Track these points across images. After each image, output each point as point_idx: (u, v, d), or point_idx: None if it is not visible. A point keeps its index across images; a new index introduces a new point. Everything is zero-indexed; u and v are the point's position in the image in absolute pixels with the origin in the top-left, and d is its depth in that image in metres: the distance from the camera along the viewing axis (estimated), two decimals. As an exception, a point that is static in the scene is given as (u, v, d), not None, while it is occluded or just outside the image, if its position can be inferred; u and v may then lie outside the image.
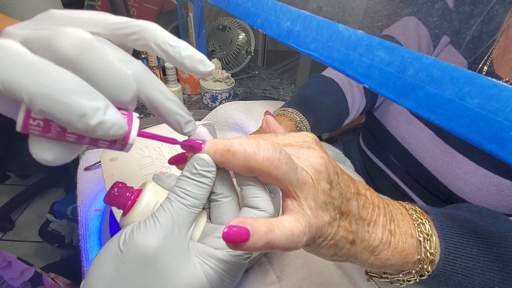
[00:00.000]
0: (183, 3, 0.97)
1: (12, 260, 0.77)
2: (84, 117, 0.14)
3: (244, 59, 0.95)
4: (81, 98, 0.14)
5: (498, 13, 0.40)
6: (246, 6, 0.39)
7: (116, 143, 0.17)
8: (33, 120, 0.14)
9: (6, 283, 0.74)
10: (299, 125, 0.48)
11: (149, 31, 0.18)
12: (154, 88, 0.18)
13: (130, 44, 0.18)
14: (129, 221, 0.21)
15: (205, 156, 0.19)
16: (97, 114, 0.14)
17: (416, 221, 0.25)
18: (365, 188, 0.24)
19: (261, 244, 0.16)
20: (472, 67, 0.43)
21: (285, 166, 0.18)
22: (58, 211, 1.15)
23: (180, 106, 0.20)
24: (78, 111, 0.14)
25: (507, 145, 0.17)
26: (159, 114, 0.19)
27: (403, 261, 0.23)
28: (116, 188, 0.21)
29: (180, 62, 0.19)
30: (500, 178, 0.38)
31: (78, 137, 0.15)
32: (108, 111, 0.15)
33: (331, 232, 0.20)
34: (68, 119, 0.14)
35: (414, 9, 0.51)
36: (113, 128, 0.15)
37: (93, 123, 0.14)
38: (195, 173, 0.19)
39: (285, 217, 0.18)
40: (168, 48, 0.18)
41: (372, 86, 0.24)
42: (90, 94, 0.14)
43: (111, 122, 0.15)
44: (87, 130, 0.14)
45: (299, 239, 0.17)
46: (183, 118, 0.20)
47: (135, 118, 0.17)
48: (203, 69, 0.19)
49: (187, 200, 0.19)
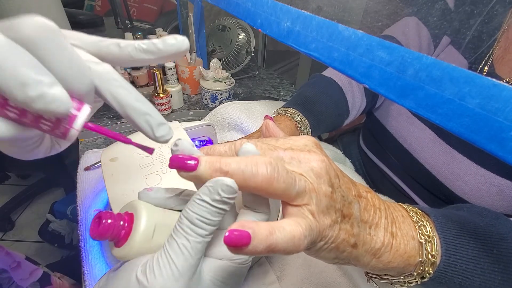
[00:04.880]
0: (183, 3, 0.97)
1: (21, 261, 0.77)
2: (25, 86, 0.14)
3: (244, 59, 0.95)
4: (27, 70, 0.14)
5: (498, 13, 0.40)
6: (246, 6, 0.39)
7: (60, 126, 0.16)
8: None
9: (16, 284, 0.74)
10: (299, 125, 0.48)
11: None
12: (120, 87, 0.18)
13: (106, 50, 0.19)
14: (129, 251, 0.19)
15: (231, 182, 0.17)
16: (39, 86, 0.14)
17: (417, 223, 0.25)
18: (366, 191, 0.24)
19: (263, 248, 0.16)
20: (473, 67, 0.43)
21: (283, 185, 0.17)
22: (58, 211, 1.15)
23: (151, 107, 0.19)
24: (20, 79, 0.14)
25: (507, 145, 0.17)
26: (127, 115, 0.18)
27: (405, 263, 0.23)
28: (107, 218, 0.19)
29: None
30: (500, 179, 0.38)
31: (20, 113, 0.15)
32: (53, 87, 0.15)
33: (332, 235, 0.20)
34: (8, 85, 0.14)
35: (415, 9, 0.51)
36: (55, 103, 0.15)
37: (33, 94, 0.14)
38: (217, 200, 0.17)
39: (286, 220, 0.18)
40: (141, 46, 0.19)
41: (372, 86, 0.24)
42: (37, 69, 0.14)
43: (54, 96, 0.14)
44: (26, 100, 0.14)
45: (300, 241, 0.17)
46: (154, 120, 0.19)
47: (86, 107, 0.17)
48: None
49: (205, 230, 0.18)
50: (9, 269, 0.74)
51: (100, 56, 0.19)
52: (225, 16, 0.96)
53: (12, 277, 0.74)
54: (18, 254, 0.78)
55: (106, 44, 0.19)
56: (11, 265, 0.75)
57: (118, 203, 0.34)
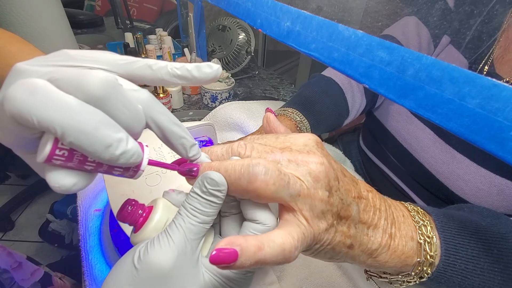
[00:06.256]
0: (183, 3, 0.97)
1: (22, 261, 0.77)
2: (110, 147, 0.16)
3: (244, 59, 0.95)
4: (108, 131, 0.15)
5: (498, 13, 0.40)
6: (246, 6, 0.39)
7: (130, 170, 0.19)
8: (59, 150, 0.16)
9: (17, 284, 0.74)
10: (299, 125, 0.48)
11: (149, 61, 0.20)
12: (162, 114, 0.19)
13: (137, 72, 0.19)
14: (141, 238, 0.21)
15: (215, 175, 0.19)
16: (121, 145, 0.16)
17: (418, 223, 0.25)
18: (367, 190, 0.23)
19: (250, 263, 0.17)
20: (473, 67, 0.43)
21: (272, 187, 0.18)
22: (58, 211, 1.15)
23: (185, 130, 0.20)
24: (105, 142, 0.15)
25: (507, 145, 0.17)
26: (166, 139, 0.20)
27: (402, 263, 0.23)
28: (129, 205, 0.22)
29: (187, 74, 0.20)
30: (501, 179, 0.38)
31: (96, 165, 0.17)
32: (130, 142, 0.17)
33: (328, 239, 0.20)
34: (96, 149, 0.15)
35: (415, 9, 0.51)
36: (134, 156, 0.17)
37: (118, 153, 0.16)
38: (205, 191, 0.19)
39: (277, 232, 0.18)
40: (176, 71, 0.20)
41: (372, 86, 0.24)
42: (114, 127, 0.16)
43: (133, 151, 0.17)
44: (112, 159, 0.16)
45: (291, 254, 0.18)
46: (188, 142, 0.20)
47: (145, 146, 0.19)
48: (209, 69, 0.21)
49: (198, 218, 0.19)
50: (10, 269, 0.74)
51: (131, 79, 0.19)
52: (225, 16, 0.95)
53: (13, 277, 0.74)
54: (20, 254, 0.78)
55: (138, 66, 0.19)
56: (12, 265, 0.75)
57: (117, 203, 0.34)
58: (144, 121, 0.18)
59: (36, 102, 0.14)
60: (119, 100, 0.16)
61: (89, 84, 0.15)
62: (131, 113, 0.17)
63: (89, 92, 0.15)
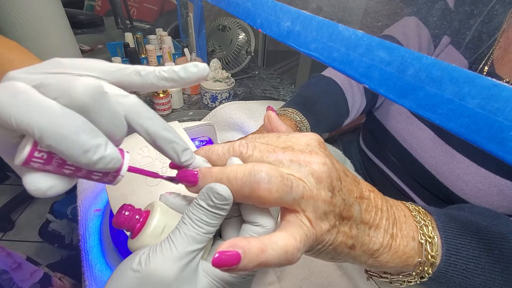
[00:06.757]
0: (183, 3, 0.98)
1: (21, 262, 0.77)
2: (88, 152, 0.16)
3: (244, 59, 0.95)
4: (86, 136, 0.16)
5: (498, 13, 0.40)
6: (246, 6, 0.39)
7: (109, 175, 0.19)
8: (38, 153, 0.16)
9: (16, 285, 0.74)
10: (299, 125, 0.48)
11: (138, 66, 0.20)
12: (150, 119, 0.19)
13: (127, 78, 0.20)
14: (140, 244, 0.21)
15: (222, 190, 0.18)
16: (99, 150, 0.16)
17: (419, 223, 0.25)
18: (369, 190, 0.23)
19: (253, 265, 0.16)
20: (473, 67, 0.43)
21: (276, 194, 0.18)
22: (58, 211, 1.15)
23: (176, 135, 0.20)
24: (83, 147, 0.15)
25: (507, 145, 0.17)
26: (155, 144, 0.20)
27: (403, 263, 0.23)
28: (126, 211, 0.22)
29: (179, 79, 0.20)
30: (501, 179, 0.38)
31: (75, 169, 0.17)
32: (108, 147, 0.17)
33: (330, 239, 0.20)
34: (73, 153, 0.15)
35: (415, 9, 0.51)
36: (112, 162, 0.17)
37: (95, 158, 0.16)
38: (212, 205, 0.19)
39: (279, 234, 0.18)
40: (163, 74, 0.20)
41: (372, 86, 0.24)
42: (93, 133, 0.16)
43: (111, 157, 0.17)
44: (89, 163, 0.16)
45: (293, 256, 0.18)
46: (179, 146, 0.20)
47: (126, 153, 0.19)
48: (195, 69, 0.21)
49: (203, 229, 0.19)
50: (10, 270, 0.74)
51: (122, 85, 0.19)
52: (225, 16, 0.95)
53: (12, 278, 0.74)
54: (19, 254, 0.78)
55: (127, 73, 0.19)
56: (11, 266, 0.75)
57: (117, 203, 0.34)
58: (125, 129, 0.19)
59: (16, 104, 0.14)
60: (103, 106, 0.17)
61: (75, 90, 0.16)
62: (113, 120, 0.17)
63: (73, 97, 0.16)
